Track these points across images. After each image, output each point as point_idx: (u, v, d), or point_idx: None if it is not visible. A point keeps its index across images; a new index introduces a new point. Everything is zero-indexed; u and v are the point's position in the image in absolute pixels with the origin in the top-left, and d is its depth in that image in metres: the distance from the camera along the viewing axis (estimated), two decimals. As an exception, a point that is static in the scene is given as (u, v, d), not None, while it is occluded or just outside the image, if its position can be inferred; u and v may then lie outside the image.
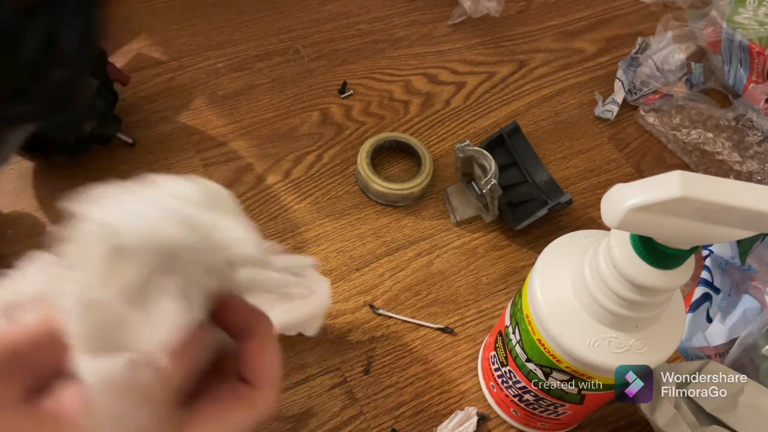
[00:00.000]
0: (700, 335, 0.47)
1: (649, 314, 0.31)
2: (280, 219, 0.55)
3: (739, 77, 0.68)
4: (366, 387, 0.46)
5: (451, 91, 0.67)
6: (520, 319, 0.37)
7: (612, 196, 0.26)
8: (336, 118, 0.63)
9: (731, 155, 0.62)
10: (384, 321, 0.50)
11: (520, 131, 0.58)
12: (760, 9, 0.66)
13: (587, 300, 0.32)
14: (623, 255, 0.29)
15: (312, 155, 0.60)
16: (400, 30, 0.72)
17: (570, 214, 0.58)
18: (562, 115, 0.67)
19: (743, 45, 0.65)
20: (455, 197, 0.57)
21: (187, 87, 0.63)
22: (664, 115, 0.66)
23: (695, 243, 0.27)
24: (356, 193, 0.58)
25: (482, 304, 0.51)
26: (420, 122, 0.64)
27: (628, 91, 0.68)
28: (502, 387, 0.42)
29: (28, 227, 0.52)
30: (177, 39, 0.68)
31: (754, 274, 0.49)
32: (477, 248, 0.55)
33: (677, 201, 0.23)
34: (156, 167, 0.57)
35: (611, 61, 0.72)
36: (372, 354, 0.48)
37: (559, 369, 0.35)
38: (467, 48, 0.72)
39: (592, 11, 0.78)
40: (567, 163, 0.62)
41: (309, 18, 0.72)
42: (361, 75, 0.67)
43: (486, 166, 0.51)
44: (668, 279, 0.28)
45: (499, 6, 0.71)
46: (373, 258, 0.53)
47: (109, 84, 0.55)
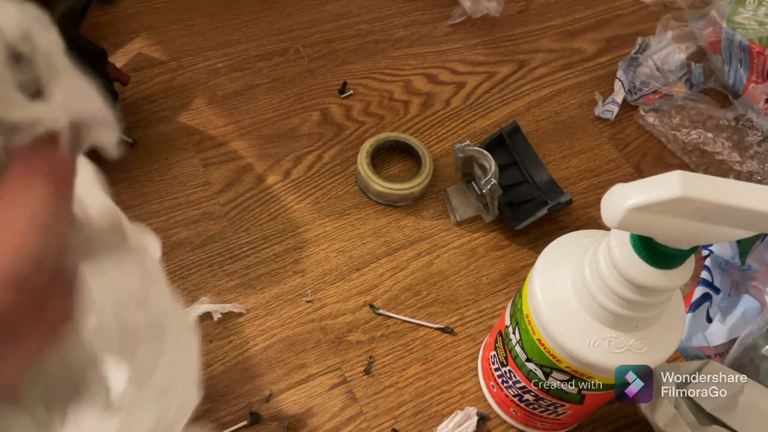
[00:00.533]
0: (700, 335, 0.47)
1: (649, 314, 0.31)
2: (280, 219, 0.55)
3: (739, 77, 0.68)
4: (366, 387, 0.47)
5: (451, 91, 0.67)
6: (520, 319, 0.37)
7: (612, 196, 0.26)
8: (336, 118, 0.63)
9: (731, 155, 0.62)
10: (384, 321, 0.50)
11: (520, 131, 0.58)
12: (760, 9, 0.66)
13: (587, 300, 0.32)
14: (623, 255, 0.29)
15: (312, 155, 0.60)
16: (400, 30, 0.72)
17: (570, 214, 0.58)
18: (562, 115, 0.67)
19: (743, 45, 0.65)
20: (455, 197, 0.57)
21: (187, 87, 0.63)
22: (664, 115, 0.66)
23: (695, 243, 0.27)
24: (356, 193, 0.58)
25: (482, 304, 0.51)
26: (420, 122, 0.64)
27: (628, 91, 0.68)
28: (502, 387, 0.42)
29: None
30: (177, 39, 0.68)
31: (754, 274, 0.49)
32: (477, 248, 0.55)
33: (677, 201, 0.23)
34: (156, 167, 0.57)
35: (611, 61, 0.72)
36: (372, 354, 0.48)
37: (559, 369, 0.35)
38: (467, 48, 0.72)
39: (592, 11, 0.78)
40: (567, 163, 0.62)
41: (309, 18, 0.72)
42: (361, 75, 0.67)
43: (486, 166, 0.51)
44: (668, 279, 0.28)
45: (499, 6, 0.71)
46: (373, 258, 0.53)
47: (109, 84, 0.55)
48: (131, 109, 0.60)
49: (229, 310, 0.49)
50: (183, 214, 0.54)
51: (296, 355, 0.47)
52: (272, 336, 0.48)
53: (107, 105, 0.18)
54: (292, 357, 0.47)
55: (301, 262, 0.52)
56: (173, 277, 0.50)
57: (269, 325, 0.49)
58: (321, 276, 0.52)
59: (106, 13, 0.69)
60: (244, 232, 0.54)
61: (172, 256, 0.51)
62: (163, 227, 0.53)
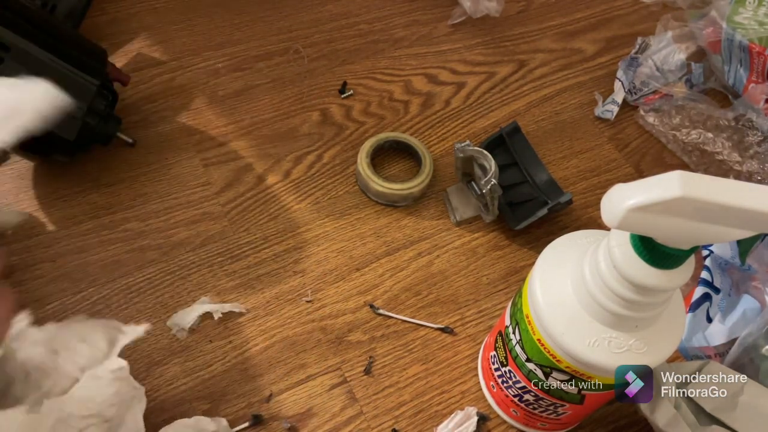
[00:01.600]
0: (700, 335, 0.47)
1: (649, 314, 0.31)
2: (280, 219, 0.55)
3: (739, 77, 0.68)
4: (366, 387, 0.47)
5: (451, 91, 0.67)
6: (520, 319, 0.37)
7: (612, 196, 0.26)
8: (336, 118, 0.63)
9: (731, 155, 0.62)
10: (384, 321, 0.50)
11: (520, 131, 0.58)
12: (760, 9, 0.66)
13: (587, 300, 0.32)
14: (623, 255, 0.29)
15: (312, 155, 0.60)
16: (400, 30, 0.72)
17: (570, 214, 0.58)
18: (562, 115, 0.67)
19: (743, 45, 0.65)
20: (455, 197, 0.57)
21: (187, 87, 0.63)
22: (664, 115, 0.66)
23: (695, 243, 0.27)
24: (356, 193, 0.58)
25: (482, 304, 0.51)
26: (420, 122, 0.64)
27: (628, 91, 0.68)
28: (502, 387, 0.42)
29: (28, 227, 0.52)
30: (177, 39, 0.68)
31: (754, 274, 0.49)
32: (477, 248, 0.55)
33: (677, 201, 0.23)
34: (156, 167, 0.57)
35: (611, 61, 0.72)
36: (372, 354, 0.48)
37: (559, 369, 0.35)
38: (467, 48, 0.72)
39: (592, 11, 0.78)
40: (567, 163, 0.62)
41: (309, 18, 0.72)
42: (361, 75, 0.67)
43: (486, 166, 0.51)
44: (668, 279, 0.28)
45: (499, 6, 0.71)
46: (373, 258, 0.53)
47: (109, 84, 0.55)
48: (131, 109, 0.60)
49: (229, 310, 0.49)
50: (183, 214, 0.54)
51: (296, 355, 0.47)
52: (272, 336, 0.48)
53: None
54: (292, 357, 0.47)
55: (301, 262, 0.52)
56: (173, 277, 0.50)
57: (269, 325, 0.49)
58: (321, 276, 0.52)
59: (106, 13, 0.68)
60: (244, 232, 0.54)
61: (172, 256, 0.51)
62: (163, 227, 0.53)
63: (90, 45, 0.53)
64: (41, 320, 0.46)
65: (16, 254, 0.50)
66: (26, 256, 0.50)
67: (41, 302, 0.48)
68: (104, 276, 0.50)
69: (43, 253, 0.50)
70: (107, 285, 0.49)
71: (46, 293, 0.48)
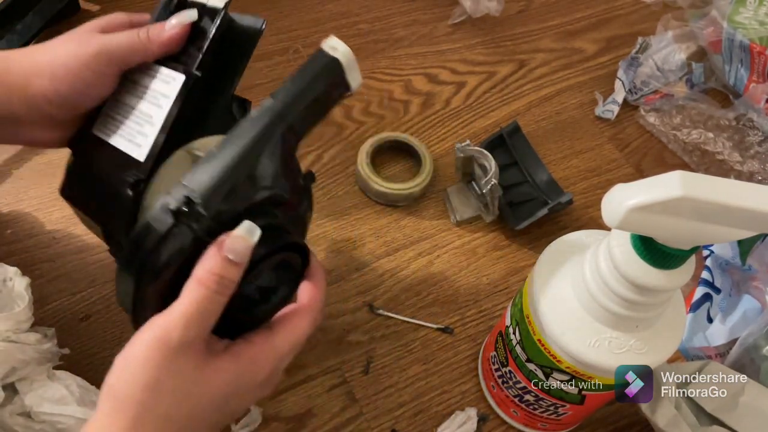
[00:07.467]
0: (701, 335, 0.47)
1: (649, 314, 0.31)
2: (280, 219, 0.55)
3: (740, 77, 0.68)
4: (366, 387, 0.46)
5: (451, 91, 0.67)
6: (521, 320, 0.37)
7: (612, 196, 0.26)
8: (336, 118, 0.63)
9: (732, 155, 0.62)
10: (384, 321, 0.50)
11: (521, 131, 0.58)
12: (760, 9, 0.66)
13: (587, 300, 0.32)
14: (623, 255, 0.29)
15: (312, 155, 0.60)
16: (400, 30, 0.72)
17: (570, 214, 0.58)
18: (563, 115, 0.66)
19: (744, 45, 0.65)
20: (455, 197, 0.57)
21: (187, 87, 0.63)
22: (664, 115, 0.66)
23: (695, 243, 0.27)
24: (356, 193, 0.58)
25: (482, 304, 0.51)
26: (420, 122, 0.64)
27: (629, 90, 0.68)
28: (503, 387, 0.42)
29: (28, 227, 0.52)
30: (177, 39, 0.67)
31: (754, 274, 0.49)
32: (477, 248, 0.55)
33: (678, 201, 0.23)
34: (156, 167, 0.57)
35: (612, 61, 0.72)
36: (372, 354, 0.48)
37: (559, 369, 0.35)
38: (467, 48, 0.72)
39: (592, 11, 0.78)
40: (567, 163, 0.62)
41: (309, 18, 0.72)
42: (361, 75, 0.67)
43: (486, 166, 0.51)
44: (668, 279, 0.28)
45: (499, 6, 0.71)
46: (373, 258, 0.53)
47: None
48: (131, 109, 0.60)
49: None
50: (183, 214, 0.54)
51: (296, 355, 0.47)
52: (272, 336, 0.48)
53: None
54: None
55: (301, 262, 0.52)
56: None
57: (269, 326, 0.49)
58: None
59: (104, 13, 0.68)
60: (244, 232, 0.54)
61: (172, 256, 0.51)
62: (163, 227, 0.53)
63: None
64: (41, 320, 0.46)
65: (16, 254, 0.50)
66: (26, 256, 0.50)
67: (41, 302, 0.48)
68: (104, 276, 0.50)
69: (43, 253, 0.50)
70: (107, 285, 0.49)
71: (46, 293, 0.48)
